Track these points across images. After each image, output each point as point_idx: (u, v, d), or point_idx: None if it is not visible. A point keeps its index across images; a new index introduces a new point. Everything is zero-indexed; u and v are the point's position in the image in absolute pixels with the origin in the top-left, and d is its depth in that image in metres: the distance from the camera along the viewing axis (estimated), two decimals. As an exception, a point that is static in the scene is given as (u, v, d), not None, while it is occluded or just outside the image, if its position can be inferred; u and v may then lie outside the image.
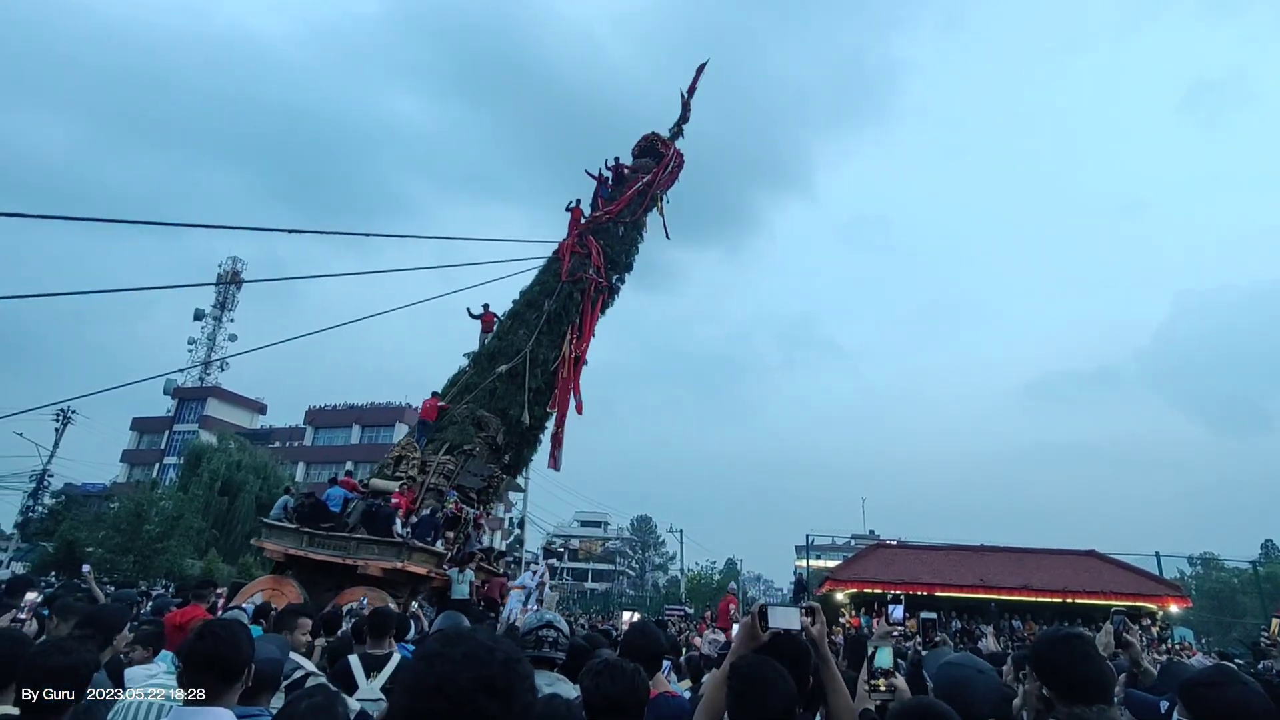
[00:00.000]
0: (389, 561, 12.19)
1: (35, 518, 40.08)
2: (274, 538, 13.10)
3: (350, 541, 12.55)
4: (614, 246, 19.26)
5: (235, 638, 2.23)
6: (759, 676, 2.16)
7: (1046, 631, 2.32)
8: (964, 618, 27.52)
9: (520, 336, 16.96)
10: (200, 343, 69.09)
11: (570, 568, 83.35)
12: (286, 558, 12.83)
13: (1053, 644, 2.15)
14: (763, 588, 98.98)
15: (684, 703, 2.98)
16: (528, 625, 3.52)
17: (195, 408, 63.81)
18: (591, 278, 17.89)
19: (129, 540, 31.91)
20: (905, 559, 31.63)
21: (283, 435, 64.04)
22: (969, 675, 2.69)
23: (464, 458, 15.10)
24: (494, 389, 16.23)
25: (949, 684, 2.63)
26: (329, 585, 12.14)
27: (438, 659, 1.04)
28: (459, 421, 15.69)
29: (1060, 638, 2.15)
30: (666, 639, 3.76)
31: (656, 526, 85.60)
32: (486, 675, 1.02)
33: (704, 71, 22.75)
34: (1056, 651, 2.10)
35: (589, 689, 2.42)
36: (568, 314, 17.46)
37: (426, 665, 1.04)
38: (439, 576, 12.97)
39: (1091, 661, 2.06)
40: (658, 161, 20.76)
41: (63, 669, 2.09)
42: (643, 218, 20.38)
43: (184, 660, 2.20)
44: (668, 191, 21.25)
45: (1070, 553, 30.66)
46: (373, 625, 5.09)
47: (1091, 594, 26.81)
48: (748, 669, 2.20)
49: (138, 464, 62.11)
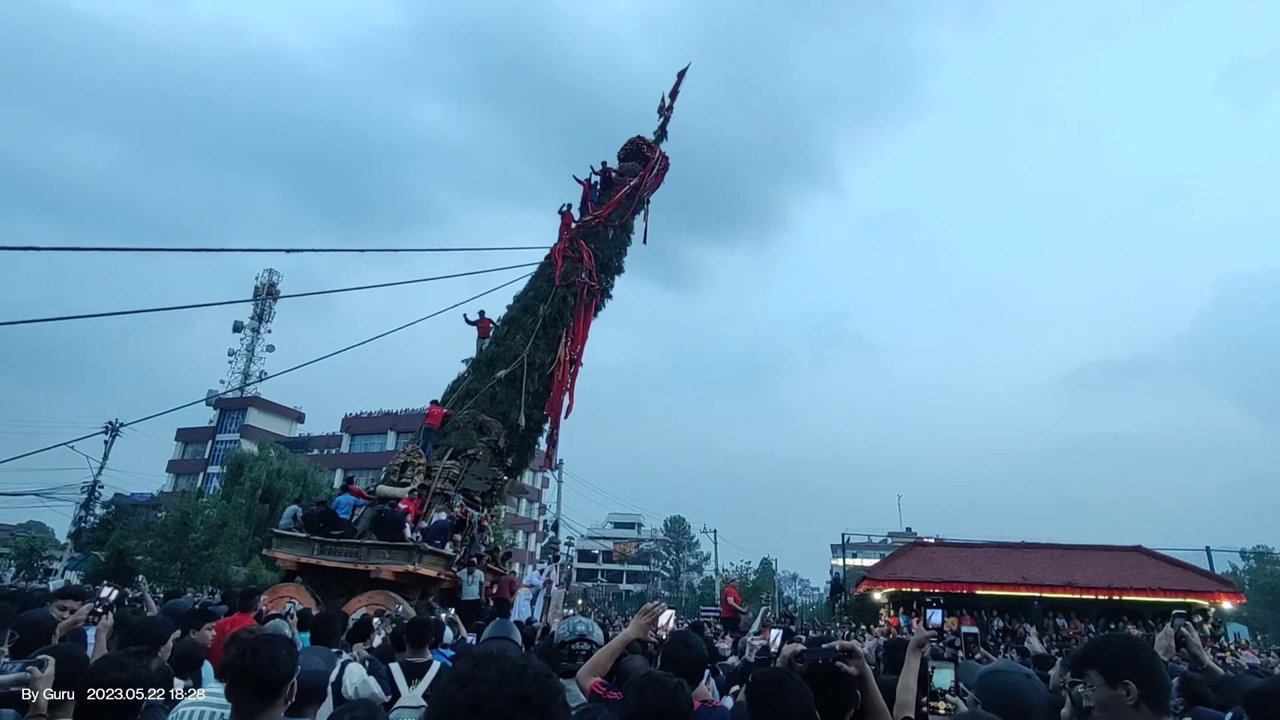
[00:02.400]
0: (400, 565, 12.44)
1: (87, 528, 41.37)
2: (285, 547, 13.39)
3: (362, 547, 12.84)
4: (604, 250, 19.46)
5: (275, 654, 2.26)
6: (775, 682, 2.26)
7: (1110, 635, 2.23)
8: (1006, 616, 26.98)
9: (517, 341, 17.23)
10: (240, 354, 70.80)
11: (605, 569, 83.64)
12: (299, 566, 13.13)
13: (1131, 646, 2.05)
14: (799, 587, 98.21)
15: (725, 713, 2.96)
16: (561, 637, 3.51)
17: (236, 418, 65.35)
18: (584, 281, 18.10)
19: (176, 548, 32.83)
20: (943, 557, 31.12)
21: (320, 443, 65.34)
22: (1018, 681, 2.59)
23: (468, 462, 15.42)
24: (494, 393, 16.50)
25: (1000, 693, 2.52)
26: (340, 591, 12.43)
27: (471, 679, 1.04)
28: (461, 427, 16.00)
29: (1132, 639, 2.06)
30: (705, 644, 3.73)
31: (690, 527, 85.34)
32: (522, 693, 1.03)
33: (685, 76, 22.98)
34: (1141, 654, 2.01)
35: (631, 703, 2.42)
36: (562, 318, 17.74)
37: (460, 686, 1.04)
38: (449, 578, 13.23)
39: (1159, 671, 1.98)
40: (643, 165, 20.88)
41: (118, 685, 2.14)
42: (631, 220, 20.63)
43: (226, 676, 2.24)
44: (653, 194, 21.40)
45: (1116, 549, 29.94)
46: (411, 634, 5.21)
47: (1139, 590, 26.14)
48: (764, 677, 2.31)
49: (183, 473, 63.86)
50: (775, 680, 2.26)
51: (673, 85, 22.76)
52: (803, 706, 2.20)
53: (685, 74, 22.92)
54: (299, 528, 13.50)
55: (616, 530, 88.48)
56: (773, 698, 2.19)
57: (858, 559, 48.14)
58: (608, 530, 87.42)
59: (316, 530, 13.18)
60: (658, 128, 22.22)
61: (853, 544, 44.43)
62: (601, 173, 20.82)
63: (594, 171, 20.80)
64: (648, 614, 3.46)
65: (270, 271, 71.07)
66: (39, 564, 44.28)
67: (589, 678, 3.14)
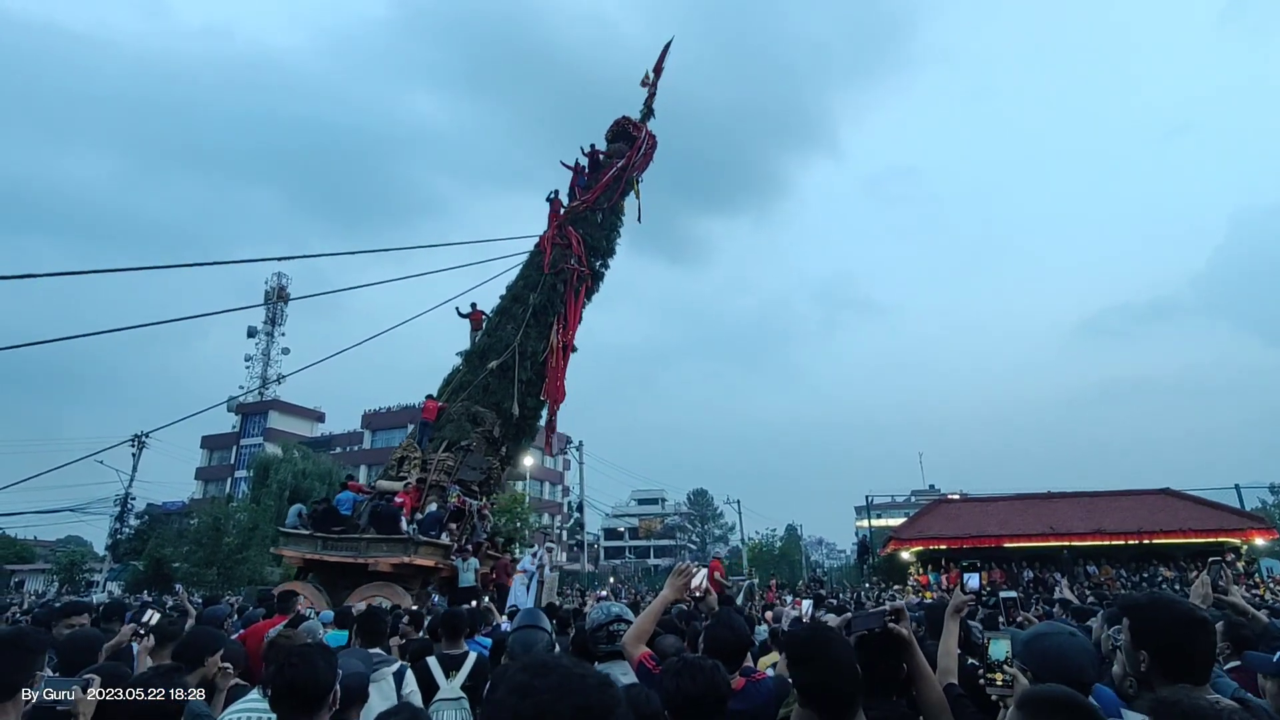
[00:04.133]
0: (397, 557, 12.86)
1: (123, 539, 42.24)
2: (291, 545, 13.88)
3: (361, 541, 13.28)
4: (594, 234, 19.44)
5: (314, 667, 2.30)
6: (807, 637, 2.24)
7: (1149, 596, 2.18)
8: (1036, 567, 26.98)
9: (509, 332, 17.39)
10: (256, 358, 71.41)
11: (631, 546, 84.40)
12: (305, 562, 13.63)
13: (1155, 612, 2.02)
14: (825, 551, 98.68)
15: (770, 685, 2.95)
16: (596, 620, 3.50)
17: (258, 422, 66.12)
18: (573, 267, 18.15)
19: (211, 553, 33.44)
20: (970, 512, 31.09)
21: (342, 441, 66.05)
22: (1063, 642, 2.53)
23: (462, 453, 15.72)
24: (487, 384, 16.74)
25: (1048, 657, 2.46)
26: (346, 585, 12.79)
27: (531, 689, 1.00)
28: (455, 419, 16.27)
29: (1164, 604, 2.02)
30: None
31: (713, 499, 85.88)
32: (584, 703, 1.00)
33: (669, 51, 22.65)
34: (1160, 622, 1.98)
35: (669, 688, 2.40)
36: (553, 305, 17.83)
37: (520, 697, 1.00)
38: (446, 567, 13.57)
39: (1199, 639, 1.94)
40: (631, 145, 20.66)
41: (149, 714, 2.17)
42: (620, 202, 20.53)
43: (269, 690, 2.29)
44: (642, 174, 21.21)
45: (1143, 492, 29.73)
46: (446, 626, 5.21)
47: (1169, 533, 26.01)
48: (800, 634, 2.29)
49: (211, 480, 64.86)
50: (814, 635, 2.24)
51: (656, 61, 22.46)
52: (845, 658, 2.16)
53: (669, 49, 22.66)
54: (304, 526, 13.95)
55: (640, 507, 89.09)
56: (813, 653, 2.14)
57: (882, 519, 48.16)
58: (631, 507, 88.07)
59: (320, 527, 13.64)
60: (643, 106, 22.01)
61: (876, 504, 44.41)
62: (590, 155, 20.62)
63: (583, 153, 20.62)
64: (682, 574, 3.52)
65: (279, 275, 71.44)
66: (80, 577, 45.32)
67: (637, 646, 3.16)
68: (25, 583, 47.57)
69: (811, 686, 2.15)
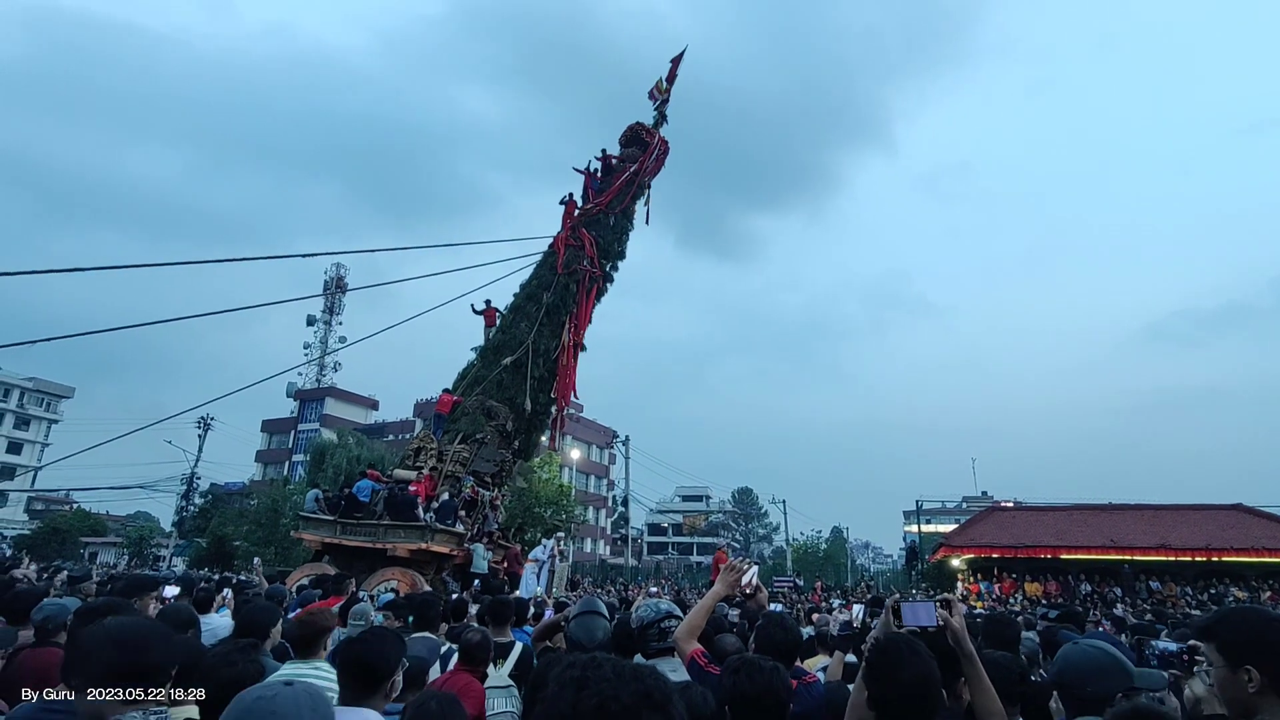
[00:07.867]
0: (414, 543, 13.41)
1: (188, 516, 44.21)
2: (310, 529, 14.54)
3: (379, 528, 13.82)
4: (606, 236, 19.90)
5: (384, 646, 2.42)
6: (891, 648, 2.18)
7: (1238, 608, 2.02)
8: (1095, 579, 26.01)
9: (522, 329, 17.84)
10: (314, 346, 73.72)
11: (675, 542, 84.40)
12: (323, 545, 14.20)
13: (1262, 625, 1.81)
14: (871, 555, 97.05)
15: (821, 688, 2.93)
16: (646, 618, 3.46)
17: (315, 408, 68.38)
18: (586, 269, 18.64)
19: (269, 533, 34.75)
20: (1024, 521, 30.15)
21: (395, 428, 67.68)
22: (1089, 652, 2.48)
23: (476, 445, 16.27)
24: (501, 380, 17.22)
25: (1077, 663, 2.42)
26: (363, 568, 13.19)
27: (589, 681, 1.02)
28: (470, 412, 16.76)
29: (1266, 615, 1.85)
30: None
31: (758, 498, 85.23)
32: (644, 689, 1.01)
33: (682, 60, 23.07)
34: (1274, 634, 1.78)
35: (727, 687, 2.39)
36: (565, 304, 18.29)
37: (579, 689, 1.01)
38: (461, 554, 14.13)
39: None
40: (644, 150, 21.22)
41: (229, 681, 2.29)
42: (632, 206, 21.02)
43: (336, 664, 2.39)
44: (654, 178, 21.80)
45: (1213, 507, 28.39)
46: (493, 614, 5.26)
47: (1240, 551, 24.78)
48: (880, 643, 2.24)
49: (270, 462, 67.33)
50: (897, 646, 2.19)
51: (669, 70, 23.01)
52: (929, 673, 2.11)
53: (681, 59, 23.19)
54: (322, 510, 14.59)
55: (685, 504, 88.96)
56: (896, 664, 2.11)
57: (932, 525, 47.04)
58: (676, 504, 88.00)
59: (339, 513, 14.24)
60: (655, 112, 22.50)
61: (926, 509, 43.39)
62: (602, 160, 21.22)
63: (595, 159, 21.22)
64: (734, 570, 3.51)
65: (338, 266, 73.66)
66: (149, 551, 47.64)
67: (689, 641, 3.14)
68: (98, 554, 50.29)
69: (889, 700, 2.11)
